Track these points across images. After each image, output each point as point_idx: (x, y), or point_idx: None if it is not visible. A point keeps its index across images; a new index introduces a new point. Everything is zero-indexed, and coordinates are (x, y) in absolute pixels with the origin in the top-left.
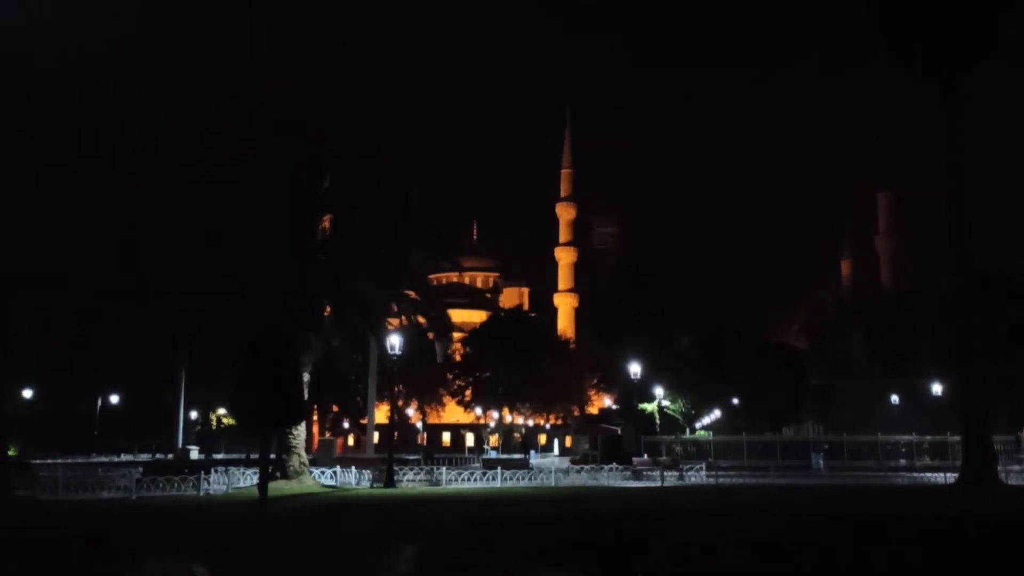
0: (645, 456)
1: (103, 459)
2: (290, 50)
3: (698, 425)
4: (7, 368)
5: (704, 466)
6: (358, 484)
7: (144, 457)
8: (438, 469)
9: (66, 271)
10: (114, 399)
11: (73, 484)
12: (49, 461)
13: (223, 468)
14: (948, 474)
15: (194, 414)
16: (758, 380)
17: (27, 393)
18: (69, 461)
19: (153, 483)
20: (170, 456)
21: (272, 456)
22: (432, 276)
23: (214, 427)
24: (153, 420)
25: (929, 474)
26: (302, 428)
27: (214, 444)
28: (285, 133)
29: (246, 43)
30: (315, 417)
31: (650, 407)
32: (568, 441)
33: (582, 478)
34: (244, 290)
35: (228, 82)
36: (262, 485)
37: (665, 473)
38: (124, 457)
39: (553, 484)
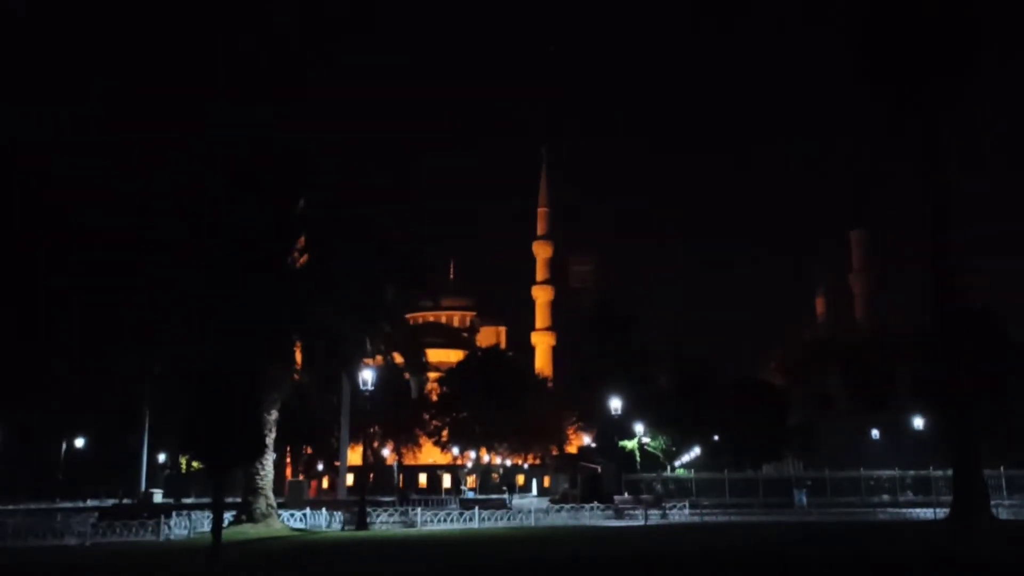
0: (627, 494)
1: (67, 504)
2: (261, 72)
3: (678, 463)
4: None
5: (687, 504)
6: (329, 527)
7: (111, 502)
8: (413, 510)
9: (20, 304)
10: (80, 443)
11: (24, 531)
12: (11, 507)
13: (185, 512)
14: (936, 509)
15: (162, 457)
16: (738, 417)
17: None
18: (30, 507)
19: (110, 528)
20: (131, 501)
21: (239, 499)
22: (409, 316)
23: (183, 471)
24: (118, 464)
25: (914, 510)
26: (269, 468)
27: (184, 488)
28: (257, 158)
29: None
30: (288, 459)
31: (631, 444)
32: (547, 481)
33: (563, 518)
34: (209, 325)
35: (197, 96)
36: (216, 529)
37: (648, 511)
38: (90, 502)
39: (533, 524)
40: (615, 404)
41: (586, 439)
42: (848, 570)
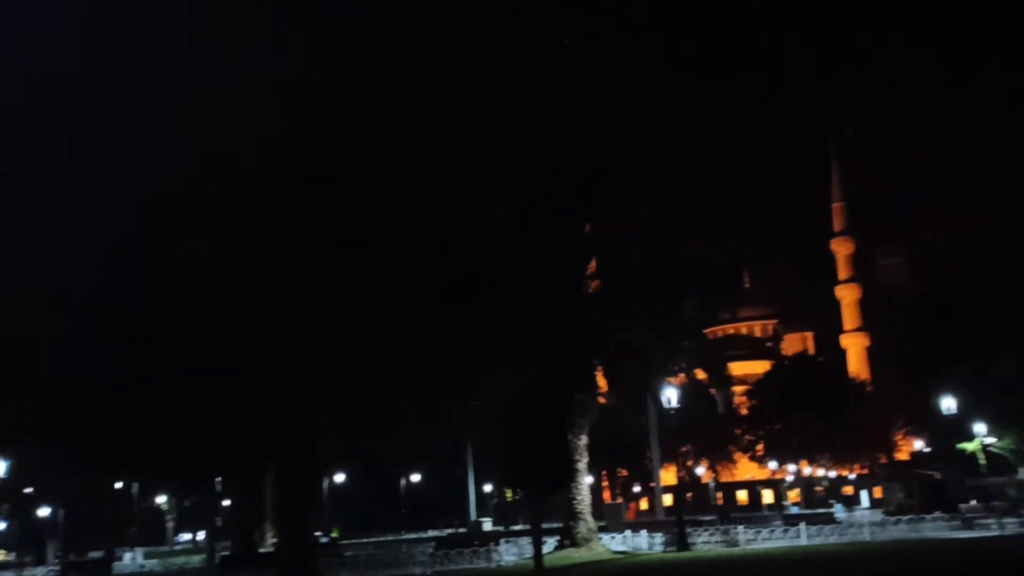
0: (973, 502)
1: (411, 536)
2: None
3: None
4: (311, 454)
5: None
6: (650, 549)
7: (447, 531)
8: (735, 529)
9: (357, 356)
10: (415, 477)
11: (375, 562)
12: (365, 540)
13: (513, 539)
14: None
15: (488, 487)
16: None
17: (339, 477)
18: (380, 540)
19: (446, 557)
20: (464, 530)
21: (561, 525)
22: (707, 330)
23: (509, 499)
24: (450, 495)
25: None
26: (586, 493)
27: (512, 516)
28: (542, 189)
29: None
30: (605, 482)
31: (971, 447)
32: (878, 491)
33: (901, 530)
34: (512, 358)
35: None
36: (536, 555)
37: (1003, 519)
38: (431, 533)
39: (868, 539)
40: (948, 403)
41: (917, 444)
42: None
